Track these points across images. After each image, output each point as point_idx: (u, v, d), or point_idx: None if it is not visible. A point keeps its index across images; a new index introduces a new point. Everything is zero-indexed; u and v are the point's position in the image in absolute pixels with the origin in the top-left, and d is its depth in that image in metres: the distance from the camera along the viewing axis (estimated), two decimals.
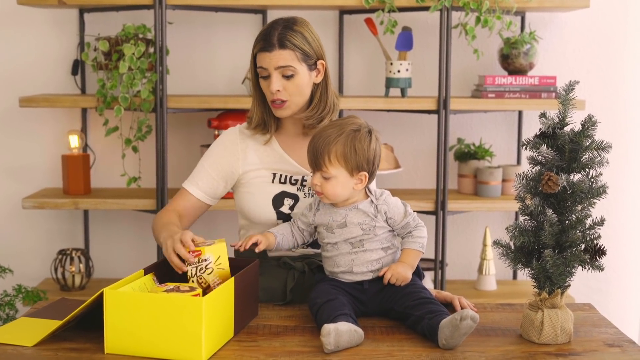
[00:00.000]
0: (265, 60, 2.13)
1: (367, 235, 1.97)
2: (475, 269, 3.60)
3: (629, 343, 1.82)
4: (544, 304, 1.81)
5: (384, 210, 1.98)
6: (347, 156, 1.93)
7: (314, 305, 1.91)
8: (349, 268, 1.98)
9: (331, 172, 1.94)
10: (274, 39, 2.11)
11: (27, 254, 3.53)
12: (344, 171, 1.94)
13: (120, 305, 1.69)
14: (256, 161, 2.22)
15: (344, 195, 1.97)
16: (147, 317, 1.67)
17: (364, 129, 1.98)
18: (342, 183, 1.95)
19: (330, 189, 1.95)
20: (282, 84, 2.13)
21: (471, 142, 3.51)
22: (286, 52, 2.11)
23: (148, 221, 3.49)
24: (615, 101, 3.53)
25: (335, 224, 1.98)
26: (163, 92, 3.13)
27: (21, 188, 3.48)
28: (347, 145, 1.94)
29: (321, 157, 1.94)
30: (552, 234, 1.75)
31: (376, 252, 1.98)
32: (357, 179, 1.96)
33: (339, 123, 1.98)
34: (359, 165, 1.95)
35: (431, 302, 1.88)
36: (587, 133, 1.76)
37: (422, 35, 3.44)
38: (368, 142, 1.97)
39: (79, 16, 3.38)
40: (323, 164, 1.94)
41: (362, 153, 1.95)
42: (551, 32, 3.49)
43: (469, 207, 3.29)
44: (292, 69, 2.12)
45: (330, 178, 1.94)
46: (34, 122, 3.47)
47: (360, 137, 1.96)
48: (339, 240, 1.98)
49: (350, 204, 1.98)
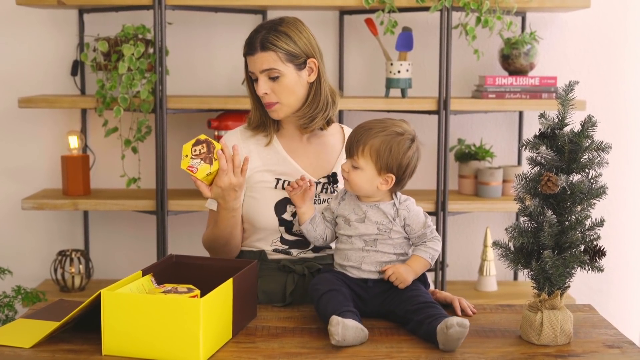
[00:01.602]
0: (251, 64, 2.14)
1: (382, 236, 1.96)
2: (475, 270, 3.59)
3: (629, 344, 1.81)
4: (544, 305, 1.81)
5: (403, 215, 1.98)
6: (380, 153, 1.94)
7: (316, 291, 1.92)
8: (358, 264, 1.98)
9: (360, 163, 1.95)
10: (257, 43, 2.12)
11: (27, 255, 3.53)
12: (373, 166, 1.95)
13: (118, 307, 1.68)
14: (259, 163, 2.21)
15: (367, 190, 1.97)
16: (145, 319, 1.67)
17: (407, 134, 1.98)
18: (367, 177, 1.95)
19: (355, 178, 1.96)
20: (270, 86, 2.13)
21: (472, 142, 3.50)
22: (268, 54, 2.11)
23: (148, 222, 3.49)
24: (616, 101, 3.52)
25: (354, 217, 1.99)
26: (162, 92, 3.12)
27: (21, 189, 3.47)
28: (384, 143, 1.94)
29: (356, 145, 1.95)
30: (552, 234, 1.75)
31: (387, 255, 1.97)
32: (383, 180, 1.96)
33: (389, 121, 2.00)
34: (389, 166, 1.95)
35: (431, 305, 1.87)
36: (587, 134, 1.76)
37: (423, 36, 3.44)
38: (406, 148, 1.97)
39: (78, 17, 3.38)
40: (356, 152, 1.95)
41: (396, 155, 1.95)
42: (552, 33, 3.49)
43: (470, 208, 3.28)
44: (276, 70, 2.11)
45: (358, 169, 1.95)
46: (33, 123, 3.47)
47: (400, 141, 1.96)
48: (354, 235, 1.98)
49: (373, 202, 1.99)
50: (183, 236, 3.50)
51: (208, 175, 2.01)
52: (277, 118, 2.19)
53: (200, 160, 1.99)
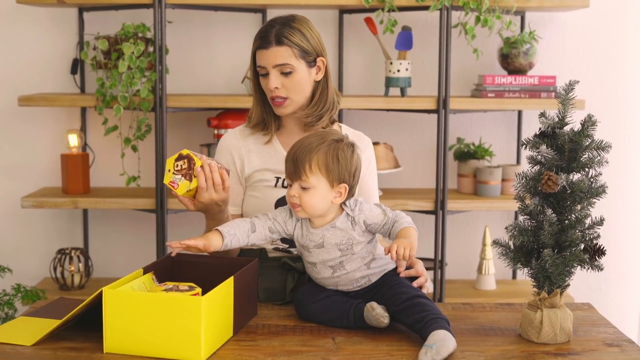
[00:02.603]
0: (263, 58, 2.12)
1: (346, 255, 1.90)
2: (474, 269, 3.60)
3: (628, 342, 1.82)
4: (543, 304, 1.81)
5: (362, 220, 1.90)
6: (329, 165, 1.85)
7: (303, 307, 1.93)
8: (334, 287, 1.95)
9: (311, 181, 1.84)
10: (271, 37, 2.10)
11: (26, 253, 3.53)
12: (325, 181, 1.85)
13: (120, 305, 1.69)
14: (259, 162, 2.21)
15: (322, 209, 1.87)
16: (147, 317, 1.67)
17: (345, 139, 1.90)
18: (321, 194, 1.86)
19: (308, 200, 1.85)
20: (281, 81, 2.12)
21: (471, 141, 3.51)
22: (283, 49, 2.10)
23: (147, 220, 3.49)
24: (615, 100, 3.53)
25: (313, 244, 1.91)
26: (162, 91, 3.13)
27: (20, 187, 3.47)
28: (329, 155, 1.85)
29: (302, 165, 1.84)
30: (552, 233, 1.75)
31: (359, 270, 1.92)
32: (337, 192, 1.87)
33: (320, 133, 1.91)
34: (341, 177, 1.86)
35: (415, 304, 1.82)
36: (587, 133, 1.76)
37: (422, 35, 3.44)
38: (351, 154, 1.89)
39: (78, 15, 3.38)
40: (303, 172, 1.84)
41: (344, 163, 1.86)
42: (551, 32, 3.49)
43: (469, 207, 3.29)
44: (289, 66, 2.11)
45: (310, 188, 1.85)
46: (33, 121, 3.47)
47: (343, 147, 1.88)
48: (317, 261, 1.92)
49: (327, 223, 1.90)
50: (182, 235, 3.50)
51: (188, 192, 1.98)
52: (282, 114, 2.18)
53: (181, 176, 1.95)
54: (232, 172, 2.21)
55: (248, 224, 1.94)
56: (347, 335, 1.84)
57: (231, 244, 1.90)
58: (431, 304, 1.83)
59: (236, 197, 2.22)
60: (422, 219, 3.48)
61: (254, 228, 1.94)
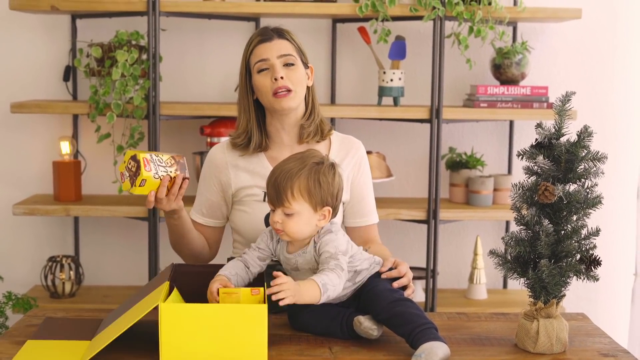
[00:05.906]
0: (266, 51, 2.14)
1: None
2: (466, 278, 3.60)
3: (623, 353, 1.83)
4: (540, 314, 1.82)
5: (319, 246, 1.86)
6: (311, 190, 1.83)
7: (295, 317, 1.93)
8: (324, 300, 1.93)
9: (294, 207, 1.82)
10: (272, 32, 2.17)
11: (17, 261, 3.51)
12: (308, 206, 1.83)
13: (178, 319, 1.66)
14: (247, 177, 2.21)
15: (307, 232, 1.86)
16: (207, 329, 1.66)
17: (327, 162, 1.88)
18: (305, 219, 1.84)
19: (292, 226, 1.83)
20: (285, 72, 2.14)
21: (463, 151, 3.52)
22: (285, 42, 2.16)
23: (139, 228, 3.48)
24: (606, 111, 3.55)
25: (289, 267, 1.92)
26: (156, 99, 3.12)
27: (11, 194, 3.46)
28: (310, 179, 1.83)
29: (283, 192, 1.82)
30: (548, 243, 1.76)
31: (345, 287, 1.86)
32: (321, 215, 1.85)
33: (300, 156, 1.88)
34: (324, 200, 1.84)
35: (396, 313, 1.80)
36: (583, 144, 1.78)
37: (415, 45, 3.46)
38: (332, 176, 1.86)
39: (71, 22, 3.37)
40: (285, 199, 1.82)
41: (326, 187, 1.84)
42: (543, 43, 3.51)
43: (461, 216, 3.30)
44: (292, 57, 2.15)
45: (293, 214, 1.83)
46: (25, 128, 3.45)
47: (324, 170, 1.85)
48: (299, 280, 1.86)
49: (300, 249, 1.88)
50: None
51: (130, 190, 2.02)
52: (287, 107, 2.15)
53: (128, 175, 1.99)
54: (213, 188, 2.24)
55: (241, 264, 1.94)
56: (343, 345, 1.84)
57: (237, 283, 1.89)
58: (413, 309, 1.80)
59: (216, 210, 2.26)
60: (414, 228, 3.49)
61: (247, 264, 1.94)
